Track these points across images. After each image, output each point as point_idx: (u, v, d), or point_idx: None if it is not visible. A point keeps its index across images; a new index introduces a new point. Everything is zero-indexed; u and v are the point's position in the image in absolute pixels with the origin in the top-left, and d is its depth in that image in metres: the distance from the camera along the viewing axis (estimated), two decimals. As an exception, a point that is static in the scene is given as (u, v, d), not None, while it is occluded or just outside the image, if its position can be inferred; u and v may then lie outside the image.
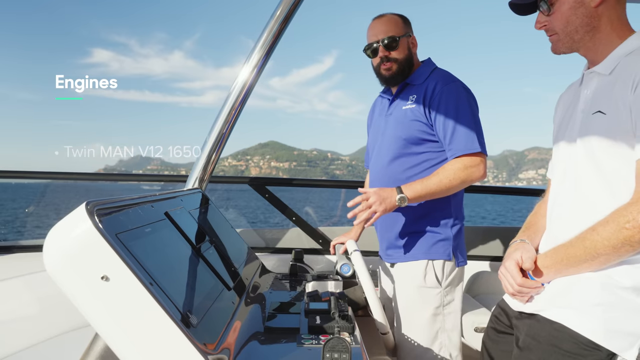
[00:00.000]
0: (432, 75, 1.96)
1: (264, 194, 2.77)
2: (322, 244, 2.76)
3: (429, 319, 1.89)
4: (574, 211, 1.31)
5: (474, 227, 2.96)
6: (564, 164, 1.38)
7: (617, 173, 1.22)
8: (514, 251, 1.40)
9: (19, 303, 1.99)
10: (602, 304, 1.20)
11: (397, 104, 2.01)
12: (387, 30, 1.95)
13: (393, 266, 2.02)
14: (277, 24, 2.12)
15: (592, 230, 1.20)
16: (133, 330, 0.94)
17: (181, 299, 1.07)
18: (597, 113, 1.26)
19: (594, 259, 1.19)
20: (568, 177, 1.35)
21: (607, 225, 1.16)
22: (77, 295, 0.92)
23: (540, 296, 1.33)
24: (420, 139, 1.90)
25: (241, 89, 2.17)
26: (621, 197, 1.19)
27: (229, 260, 1.71)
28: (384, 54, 1.96)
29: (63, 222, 0.94)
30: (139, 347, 0.94)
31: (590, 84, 1.34)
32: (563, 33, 1.33)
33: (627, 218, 1.13)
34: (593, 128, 1.27)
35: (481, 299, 2.41)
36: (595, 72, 1.32)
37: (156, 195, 1.42)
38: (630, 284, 1.19)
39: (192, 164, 2.32)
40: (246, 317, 1.43)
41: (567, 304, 1.25)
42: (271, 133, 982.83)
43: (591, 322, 1.20)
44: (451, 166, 1.83)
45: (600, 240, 1.17)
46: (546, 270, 1.31)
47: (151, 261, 1.03)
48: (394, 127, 1.97)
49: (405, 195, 1.80)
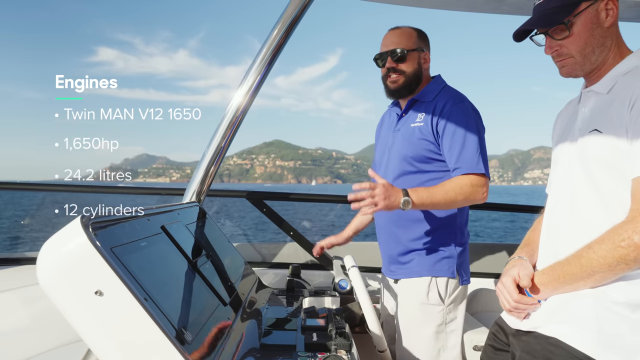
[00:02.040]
0: (441, 93, 1.95)
1: (262, 208, 2.76)
2: (319, 259, 2.74)
3: (432, 336, 1.87)
4: (570, 228, 1.32)
5: (473, 243, 2.95)
6: (561, 180, 1.39)
7: (613, 191, 1.22)
8: (512, 268, 1.40)
9: (11, 317, 1.96)
10: (597, 319, 1.20)
11: (405, 121, 1.99)
12: (399, 42, 1.94)
13: (396, 282, 2.01)
14: (272, 47, 2.15)
15: (588, 248, 1.20)
16: (126, 346, 0.92)
17: (176, 315, 1.05)
18: (594, 131, 1.27)
19: (589, 276, 1.20)
20: (564, 194, 1.36)
21: (603, 244, 1.17)
22: (70, 309, 0.91)
23: (537, 314, 1.33)
24: (427, 157, 1.90)
25: (237, 106, 2.18)
26: (617, 216, 1.19)
27: (225, 275, 1.69)
28: (392, 65, 1.94)
29: (57, 235, 0.93)
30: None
31: (588, 103, 1.34)
32: (580, 55, 1.31)
33: (622, 237, 1.14)
34: (590, 146, 1.27)
35: (479, 317, 2.39)
36: (593, 90, 1.33)
37: (152, 209, 1.41)
38: (624, 299, 1.19)
39: (196, 163, 2.32)
40: (242, 334, 1.41)
41: (562, 319, 1.26)
42: (276, 132, 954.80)
43: (586, 336, 1.20)
44: (458, 181, 1.80)
45: (596, 258, 1.17)
46: (543, 287, 1.31)
47: (146, 276, 1.02)
48: (401, 144, 1.96)
49: (411, 199, 1.72)
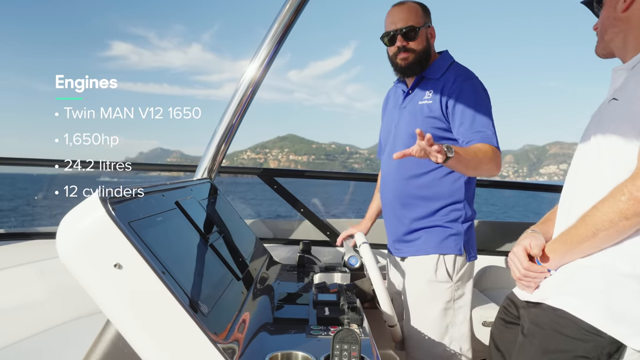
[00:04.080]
0: (450, 69, 1.92)
1: (273, 185, 2.77)
2: (329, 235, 2.76)
3: (440, 313, 1.89)
4: (584, 194, 1.34)
5: (482, 221, 2.95)
6: (581, 151, 1.41)
7: (625, 157, 1.24)
8: (524, 239, 1.43)
9: (31, 289, 2.01)
10: (605, 291, 1.22)
11: (412, 98, 1.97)
12: (407, 19, 1.89)
13: (403, 260, 2.02)
14: (287, 16, 2.11)
15: (593, 208, 1.23)
16: (145, 317, 0.94)
17: (192, 288, 1.08)
18: (613, 100, 1.31)
19: (594, 235, 1.22)
20: (582, 162, 1.39)
21: (605, 201, 1.20)
22: (90, 282, 0.93)
23: (546, 285, 1.35)
24: (434, 135, 1.88)
25: (250, 81, 2.17)
26: (625, 178, 1.21)
27: (238, 251, 1.72)
28: (402, 44, 1.90)
29: (76, 210, 0.95)
30: (150, 334, 0.95)
31: (617, 81, 1.37)
32: (599, 35, 1.43)
33: (623, 192, 1.17)
34: (607, 114, 1.32)
35: (488, 294, 2.41)
36: (623, 68, 1.36)
37: (167, 185, 1.43)
38: (632, 272, 1.20)
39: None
40: (255, 308, 1.44)
41: (570, 291, 1.27)
42: (290, 126, 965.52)
43: (593, 308, 1.22)
44: (482, 147, 1.72)
45: (599, 215, 1.20)
46: (552, 255, 1.34)
47: (163, 250, 1.03)
48: (408, 121, 1.95)
49: (453, 147, 1.52)
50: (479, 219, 2.67)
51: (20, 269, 2.06)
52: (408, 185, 1.94)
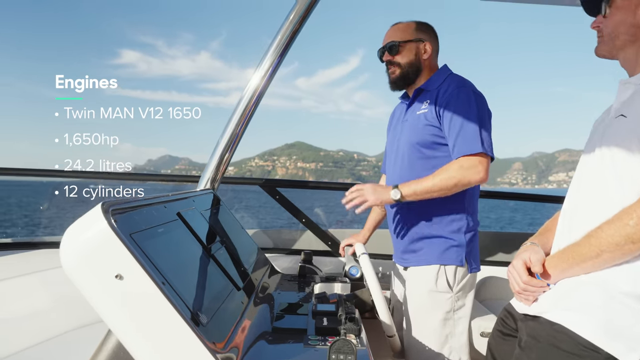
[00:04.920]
0: (446, 80, 1.98)
1: (275, 195, 2.80)
2: (331, 245, 2.78)
3: (440, 323, 1.90)
4: (586, 211, 1.33)
5: (483, 231, 2.96)
6: (584, 165, 1.41)
7: (631, 176, 1.23)
8: (523, 252, 1.42)
9: (33, 299, 2.04)
10: (603, 307, 1.22)
11: (412, 110, 2.03)
12: (394, 36, 2.02)
13: (406, 269, 2.04)
14: (291, 27, 2.15)
15: (598, 228, 1.22)
16: (145, 327, 0.96)
17: (192, 299, 1.10)
18: (620, 117, 1.30)
19: (598, 256, 1.21)
20: (584, 177, 1.38)
21: (612, 224, 1.19)
22: (92, 292, 0.95)
23: (544, 299, 1.35)
24: (433, 142, 1.92)
25: (253, 92, 2.20)
26: (632, 199, 1.20)
27: (239, 261, 1.74)
28: (388, 58, 2.03)
29: (79, 222, 0.97)
30: (150, 344, 0.97)
31: (624, 94, 1.36)
32: (608, 37, 1.37)
33: (631, 216, 1.15)
34: (614, 130, 1.30)
35: (488, 304, 2.41)
36: (631, 82, 1.34)
37: (169, 196, 1.45)
38: (631, 290, 1.20)
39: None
40: (255, 317, 1.46)
41: (568, 306, 1.27)
42: (298, 133, 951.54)
43: (591, 323, 1.21)
44: (448, 166, 1.84)
45: (605, 237, 1.19)
46: (552, 270, 1.33)
47: (164, 261, 1.06)
48: (409, 132, 2.00)
49: (399, 191, 1.83)
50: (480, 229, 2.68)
51: (25, 278, 2.09)
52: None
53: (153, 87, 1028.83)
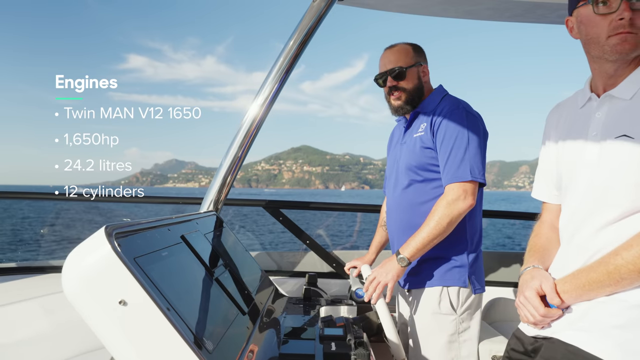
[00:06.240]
0: (441, 102, 1.98)
1: (279, 217, 2.77)
2: (336, 267, 2.75)
3: (444, 346, 1.86)
4: (603, 234, 1.26)
5: (490, 252, 2.92)
6: (584, 188, 1.33)
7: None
8: (531, 279, 1.36)
9: (34, 324, 2.00)
10: (619, 327, 1.18)
11: (410, 132, 2.04)
12: (397, 60, 1.99)
13: (409, 292, 2.01)
14: (291, 52, 2.17)
15: (615, 255, 1.17)
16: (149, 355, 0.93)
17: (197, 324, 1.07)
18: (623, 137, 1.23)
19: (617, 283, 1.17)
20: (591, 201, 1.30)
21: (632, 249, 1.15)
22: (94, 319, 0.92)
23: (556, 320, 1.31)
24: (431, 164, 1.92)
25: (254, 117, 2.22)
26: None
27: (243, 284, 1.71)
28: (393, 84, 2.00)
29: (82, 246, 0.95)
30: (154, 372, 0.93)
31: (602, 108, 1.31)
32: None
33: None
34: (618, 152, 1.24)
35: (497, 326, 2.37)
36: (611, 95, 1.29)
37: (172, 219, 1.43)
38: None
39: None
40: (261, 343, 1.42)
41: (582, 327, 1.24)
42: (303, 137, 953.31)
43: (606, 344, 1.18)
44: (435, 208, 1.82)
45: (625, 264, 1.15)
46: (566, 296, 1.27)
47: (168, 285, 1.03)
48: (407, 155, 2.00)
49: (404, 256, 1.81)
50: (489, 249, 2.65)
51: (27, 303, 2.05)
52: (411, 214, 1.95)
53: (159, 92, 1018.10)
